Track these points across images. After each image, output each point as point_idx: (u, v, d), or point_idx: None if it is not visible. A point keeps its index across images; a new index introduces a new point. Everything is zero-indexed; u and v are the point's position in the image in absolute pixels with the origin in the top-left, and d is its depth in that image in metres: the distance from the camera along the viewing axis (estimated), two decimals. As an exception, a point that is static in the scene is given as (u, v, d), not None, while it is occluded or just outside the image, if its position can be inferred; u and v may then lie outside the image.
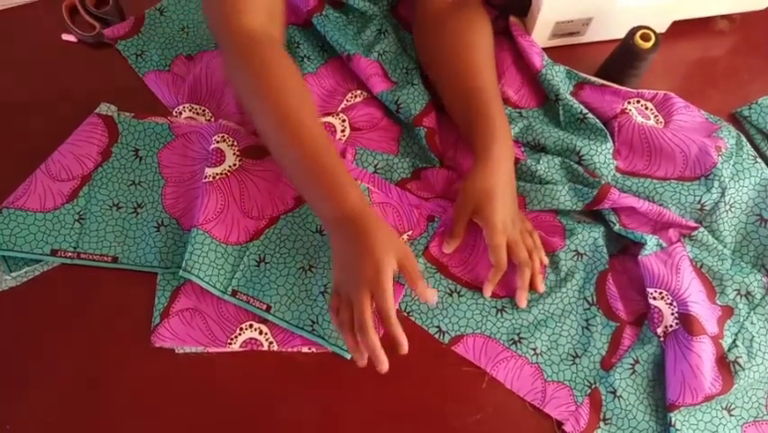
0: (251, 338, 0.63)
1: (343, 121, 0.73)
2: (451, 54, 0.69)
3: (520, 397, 0.62)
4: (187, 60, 0.76)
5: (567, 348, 0.64)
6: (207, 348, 0.62)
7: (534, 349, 0.63)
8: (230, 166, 0.67)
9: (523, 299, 0.64)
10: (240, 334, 0.63)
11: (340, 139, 0.72)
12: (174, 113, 0.73)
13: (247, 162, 0.68)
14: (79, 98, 0.72)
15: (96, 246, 0.66)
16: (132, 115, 0.72)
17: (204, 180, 0.66)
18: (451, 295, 0.66)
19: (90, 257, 0.65)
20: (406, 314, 0.64)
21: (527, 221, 0.67)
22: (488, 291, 0.65)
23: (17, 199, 0.66)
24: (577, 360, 0.63)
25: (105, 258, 0.65)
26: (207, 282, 0.63)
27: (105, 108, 0.72)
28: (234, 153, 0.68)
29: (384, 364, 0.55)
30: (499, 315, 0.65)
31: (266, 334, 0.63)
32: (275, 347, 0.63)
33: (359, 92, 0.74)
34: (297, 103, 0.60)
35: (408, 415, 0.61)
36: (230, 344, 0.62)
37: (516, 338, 0.64)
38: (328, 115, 0.73)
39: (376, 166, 0.70)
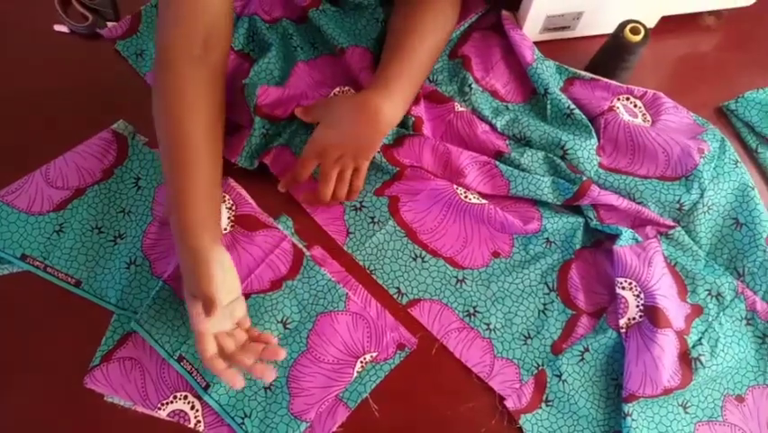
0: (180, 410, 0.61)
1: None
2: (394, 36, 0.70)
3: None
4: None
5: (520, 328, 0.65)
6: (136, 406, 0.61)
7: (487, 324, 0.65)
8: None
9: (289, 186, 0.67)
10: (172, 402, 0.61)
11: None
12: None
13: (238, 231, 0.66)
14: (72, 89, 0.72)
15: (64, 264, 0.65)
16: (146, 140, 0.71)
17: (188, 235, 0.64)
18: (414, 260, 0.68)
19: (56, 273, 0.64)
20: (369, 272, 0.67)
21: (364, 167, 0.66)
22: (279, 186, 0.67)
23: (8, 194, 0.66)
24: (528, 341, 0.65)
25: (70, 279, 0.64)
26: (156, 342, 0.61)
27: (122, 127, 0.71)
28: (229, 217, 0.66)
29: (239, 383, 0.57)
30: (459, 285, 0.67)
31: (197, 411, 0.61)
32: (201, 428, 0.60)
33: (347, 88, 0.74)
34: (198, 126, 0.61)
35: (401, 404, 0.62)
36: (159, 409, 0.60)
37: (472, 311, 0.66)
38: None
39: None
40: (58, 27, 0.77)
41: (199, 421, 0.60)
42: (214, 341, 0.57)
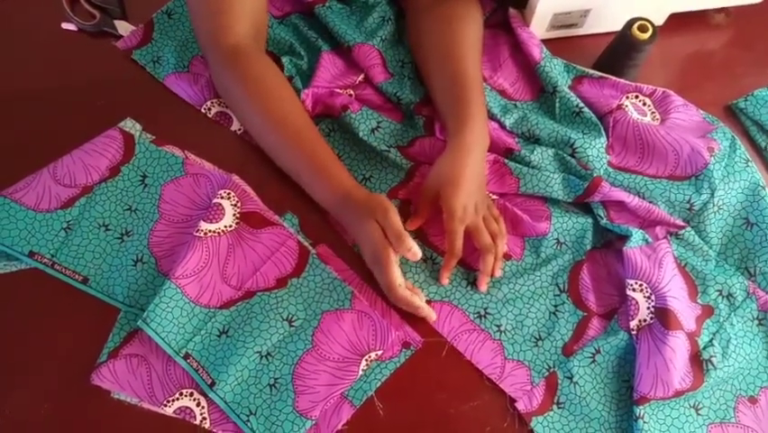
0: (186, 407, 0.61)
1: (350, 95, 0.74)
2: (436, 40, 0.70)
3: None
4: (204, 60, 0.74)
5: (531, 330, 0.65)
6: (142, 402, 0.61)
7: (498, 326, 0.65)
8: (225, 226, 0.65)
9: (483, 283, 0.65)
10: (178, 399, 0.61)
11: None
12: (203, 110, 0.73)
13: (243, 228, 0.66)
14: (79, 88, 0.73)
15: (72, 261, 0.65)
16: (153, 138, 0.71)
17: (195, 233, 0.64)
18: (425, 261, 0.67)
19: (63, 271, 0.64)
20: None
21: (494, 207, 0.68)
22: (444, 279, 0.66)
23: (16, 192, 0.66)
24: (539, 342, 0.64)
25: (77, 276, 0.64)
26: (163, 340, 0.61)
27: (129, 125, 0.71)
28: (234, 214, 0.66)
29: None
30: (470, 287, 0.66)
31: (203, 408, 0.61)
32: (207, 425, 0.60)
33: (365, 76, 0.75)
34: (287, 105, 0.67)
35: (404, 403, 0.61)
36: (165, 405, 0.60)
37: (483, 312, 0.65)
38: (337, 89, 0.74)
39: (379, 122, 0.71)
40: (65, 25, 0.77)
41: (205, 418, 0.61)
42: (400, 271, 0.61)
